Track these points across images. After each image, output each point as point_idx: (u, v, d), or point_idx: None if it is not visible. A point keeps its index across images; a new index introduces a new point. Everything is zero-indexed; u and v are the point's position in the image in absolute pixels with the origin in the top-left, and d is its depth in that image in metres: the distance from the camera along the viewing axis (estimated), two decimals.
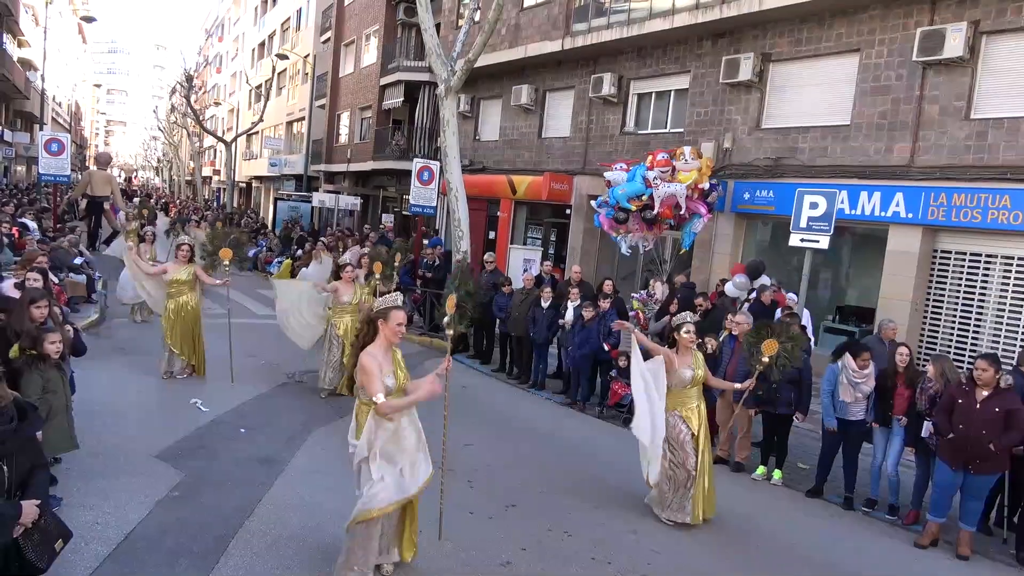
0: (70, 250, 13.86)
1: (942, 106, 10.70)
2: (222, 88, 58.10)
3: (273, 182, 40.45)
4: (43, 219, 18.18)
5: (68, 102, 61.78)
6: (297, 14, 38.37)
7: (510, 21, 18.33)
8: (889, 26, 11.34)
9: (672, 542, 6.06)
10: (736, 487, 7.65)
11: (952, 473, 6.30)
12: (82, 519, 5.15)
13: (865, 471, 7.46)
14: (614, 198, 12.74)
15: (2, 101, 35.45)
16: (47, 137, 16.93)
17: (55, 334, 5.33)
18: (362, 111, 28.74)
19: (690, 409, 6.46)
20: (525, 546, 5.62)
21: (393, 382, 4.63)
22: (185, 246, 9.46)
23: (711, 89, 14.07)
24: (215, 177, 55.08)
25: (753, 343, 7.24)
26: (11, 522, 3.05)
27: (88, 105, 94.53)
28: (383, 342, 4.68)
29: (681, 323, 6.49)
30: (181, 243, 9.69)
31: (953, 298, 10.91)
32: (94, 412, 7.17)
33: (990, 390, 6.19)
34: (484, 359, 12.55)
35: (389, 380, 4.61)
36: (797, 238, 10.29)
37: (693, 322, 6.59)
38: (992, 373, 6.17)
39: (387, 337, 4.67)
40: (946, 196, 10.49)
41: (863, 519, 7.11)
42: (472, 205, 15.85)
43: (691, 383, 6.43)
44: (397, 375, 4.69)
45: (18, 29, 33.94)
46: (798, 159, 12.49)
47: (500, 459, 7.64)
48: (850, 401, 7.31)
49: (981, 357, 6.36)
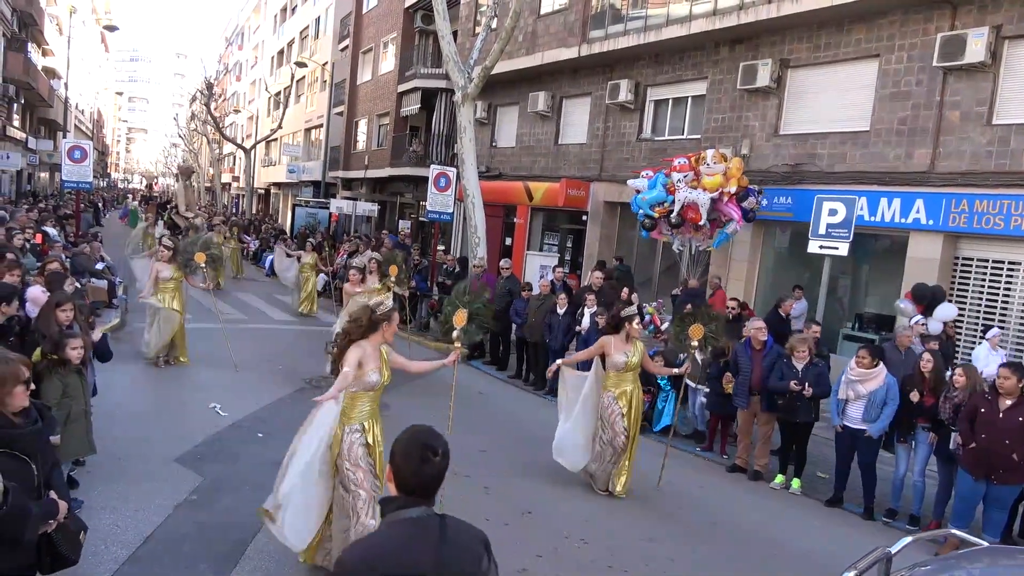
0: (92, 256, 14.04)
1: (963, 111, 10.59)
2: (241, 96, 58.68)
3: (291, 189, 40.77)
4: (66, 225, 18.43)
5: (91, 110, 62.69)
6: (316, 22, 38.71)
7: (527, 28, 18.38)
8: (909, 31, 11.25)
9: (688, 550, 6.02)
10: (754, 496, 7.59)
11: (974, 483, 6.21)
12: (102, 522, 5.20)
13: (885, 481, 7.37)
14: (637, 206, 12.72)
15: (27, 109, 36.03)
16: (70, 144, 17.15)
17: (77, 339, 5.36)
18: (380, 118, 28.92)
19: (623, 392, 7.00)
20: (541, 553, 5.60)
21: (378, 378, 4.86)
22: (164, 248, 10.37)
23: (728, 95, 14.02)
24: (234, 184, 55.61)
25: (680, 331, 7.85)
26: (51, 518, 3.13)
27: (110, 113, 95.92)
28: (378, 340, 4.90)
29: (631, 315, 7.11)
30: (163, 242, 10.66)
31: (975, 305, 10.77)
32: (114, 416, 7.24)
33: (1014, 399, 6.10)
34: (500, 365, 12.55)
35: (375, 376, 4.84)
36: (816, 245, 10.23)
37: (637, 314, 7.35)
38: (1015, 381, 6.08)
39: (385, 337, 4.91)
40: (967, 202, 10.37)
41: (883, 529, 7.01)
42: (489, 211, 15.89)
43: (625, 368, 6.97)
44: (383, 372, 4.92)
45: (42, 38, 34.51)
46: (817, 165, 12.40)
47: (516, 465, 7.63)
48: (843, 399, 7.24)
49: (1004, 365, 6.28)
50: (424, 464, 2.27)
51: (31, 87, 31.33)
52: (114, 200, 56.83)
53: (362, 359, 4.77)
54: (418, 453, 2.28)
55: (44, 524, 3.11)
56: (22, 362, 3.34)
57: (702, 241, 12.58)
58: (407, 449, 2.29)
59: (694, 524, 6.63)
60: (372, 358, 4.84)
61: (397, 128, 26.71)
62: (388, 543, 2.19)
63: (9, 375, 3.16)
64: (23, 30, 31.35)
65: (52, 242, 13.81)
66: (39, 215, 17.08)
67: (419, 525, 2.22)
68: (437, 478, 2.31)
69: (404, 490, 2.28)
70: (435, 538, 2.20)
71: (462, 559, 2.23)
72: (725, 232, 12.14)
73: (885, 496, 7.35)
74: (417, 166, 24.06)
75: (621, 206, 16.32)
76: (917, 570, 3.26)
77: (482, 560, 2.27)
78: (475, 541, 2.32)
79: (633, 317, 7.10)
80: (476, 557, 2.27)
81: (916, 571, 3.24)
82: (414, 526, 2.21)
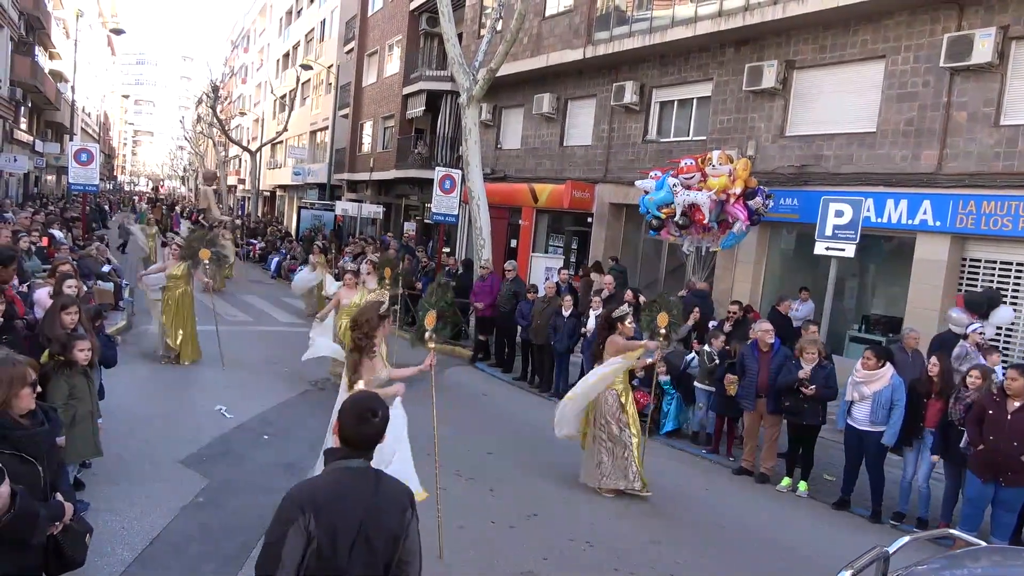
0: (98, 258, 14.09)
1: (970, 112, 10.54)
2: (247, 98, 58.84)
3: (297, 191, 40.85)
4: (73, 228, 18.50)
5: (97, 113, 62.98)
6: (321, 25, 38.81)
7: (532, 30, 18.38)
8: (915, 32, 11.21)
9: (694, 553, 5.99)
10: (761, 498, 7.56)
11: (983, 486, 6.17)
12: (108, 524, 5.21)
13: (894, 483, 7.34)
14: (644, 207, 12.69)
15: (34, 112, 36.19)
16: (77, 147, 17.24)
17: (84, 341, 5.39)
18: (385, 120, 28.96)
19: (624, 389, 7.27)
20: (547, 556, 5.58)
21: (387, 375, 5.22)
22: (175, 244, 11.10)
23: (734, 97, 13.99)
24: (240, 186, 55.73)
25: (649, 319, 8.33)
26: (58, 520, 3.14)
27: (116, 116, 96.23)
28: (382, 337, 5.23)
29: (622, 315, 7.25)
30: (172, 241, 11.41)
31: None
32: (120, 418, 7.26)
33: (1022, 400, 6.06)
34: (506, 367, 12.53)
35: (384, 372, 5.19)
36: (822, 247, 10.18)
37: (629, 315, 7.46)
38: (1023, 383, 6.04)
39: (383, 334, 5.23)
40: (975, 203, 10.32)
41: (891, 532, 6.96)
42: (494, 213, 15.88)
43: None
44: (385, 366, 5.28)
45: (50, 42, 34.67)
46: (823, 167, 12.36)
47: (521, 467, 7.61)
48: (849, 400, 7.21)
49: (1012, 366, 6.24)
50: (364, 423, 2.65)
51: (38, 90, 31.47)
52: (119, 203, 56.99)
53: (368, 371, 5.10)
54: (360, 413, 2.67)
55: (50, 526, 3.11)
56: (29, 364, 3.35)
57: (712, 242, 12.55)
58: (351, 410, 2.69)
59: (700, 527, 6.60)
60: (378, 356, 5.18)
61: (402, 130, 26.75)
62: (328, 486, 2.59)
63: (16, 377, 3.16)
64: (30, 33, 31.51)
65: (58, 245, 13.87)
66: (45, 218, 17.14)
67: (356, 475, 2.62)
68: (375, 436, 2.69)
69: (347, 444, 2.67)
70: (368, 487, 2.60)
71: (389, 508, 2.61)
72: (733, 233, 12.10)
73: (893, 499, 7.32)
74: (422, 168, 24.09)
75: (627, 208, 16.30)
76: (914, 569, 3.23)
77: (406, 512, 2.65)
78: (402, 495, 2.70)
79: (624, 317, 7.23)
80: (401, 508, 2.64)
81: (913, 570, 3.21)
82: (352, 475, 2.62)
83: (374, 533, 2.56)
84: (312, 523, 2.47)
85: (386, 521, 2.59)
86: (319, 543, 2.48)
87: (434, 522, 5.24)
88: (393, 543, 2.61)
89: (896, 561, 3.43)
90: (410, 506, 2.68)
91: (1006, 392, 6.14)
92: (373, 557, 2.57)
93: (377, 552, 2.57)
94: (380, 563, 2.58)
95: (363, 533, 2.54)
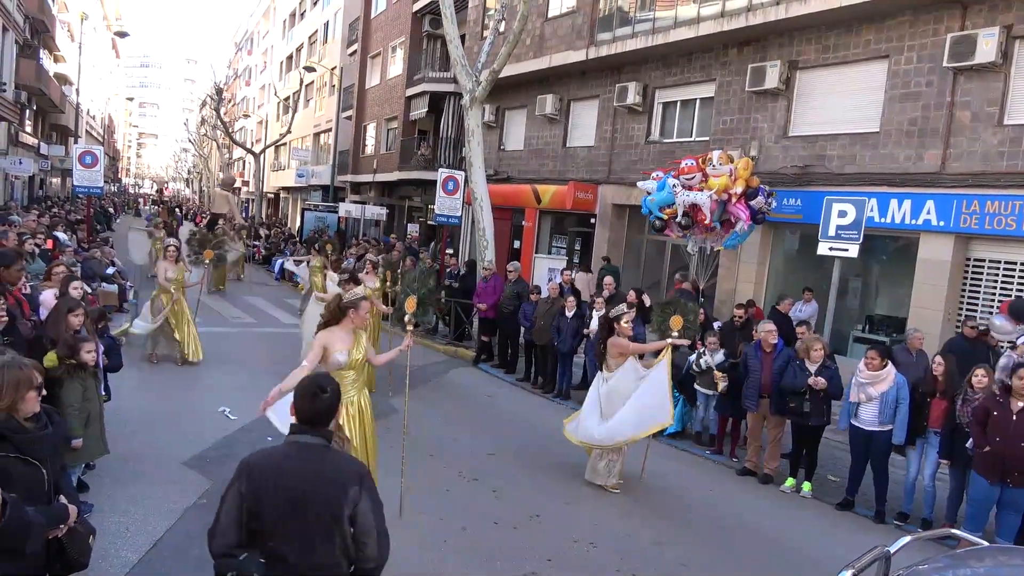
0: (102, 260, 14.14)
1: (974, 112, 10.52)
2: (251, 101, 58.98)
3: (300, 193, 40.91)
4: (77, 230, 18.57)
5: (101, 115, 63.15)
6: (324, 27, 38.87)
7: (534, 31, 18.40)
8: (919, 32, 11.19)
9: (698, 554, 5.99)
10: (765, 499, 7.55)
11: (989, 487, 6.15)
12: (112, 525, 5.23)
13: (897, 484, 7.32)
14: (646, 208, 12.68)
15: (39, 115, 36.31)
16: (81, 150, 17.28)
17: (90, 343, 5.45)
18: (388, 122, 28.99)
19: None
20: (550, 556, 5.58)
21: (345, 358, 5.23)
22: (172, 247, 11.09)
23: (737, 97, 13.98)
24: (244, 188, 55.88)
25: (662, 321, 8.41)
26: (62, 523, 3.15)
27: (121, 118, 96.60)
28: (348, 325, 5.33)
29: (618, 315, 7.27)
30: (168, 245, 11.35)
31: (987, 307, 10.68)
32: (124, 419, 7.27)
33: (1022, 400, 6.05)
34: (509, 369, 12.54)
35: (342, 356, 5.22)
36: (826, 247, 10.16)
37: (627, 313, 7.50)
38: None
39: (354, 322, 5.35)
40: (979, 203, 10.30)
41: (894, 532, 6.95)
42: (497, 214, 15.90)
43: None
44: (352, 354, 5.28)
45: (54, 45, 34.76)
46: (826, 167, 12.34)
47: (524, 469, 7.61)
48: (855, 401, 7.19)
49: (1020, 365, 6.21)
50: (315, 400, 2.86)
51: (43, 93, 31.56)
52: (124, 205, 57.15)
53: (328, 343, 5.20)
54: (311, 391, 2.87)
55: (54, 530, 3.11)
56: (35, 368, 3.37)
57: (716, 241, 12.53)
58: (304, 389, 2.90)
59: (704, 528, 6.59)
60: (340, 340, 5.24)
61: (405, 132, 26.78)
62: (270, 455, 2.85)
63: (23, 380, 3.18)
64: (35, 37, 31.59)
65: (63, 247, 13.91)
66: (50, 220, 17.20)
67: (302, 448, 2.81)
68: (326, 412, 2.89)
69: (300, 420, 2.87)
70: (311, 462, 2.76)
71: (330, 482, 2.72)
72: (736, 233, 12.08)
73: (897, 500, 7.30)
74: (425, 170, 24.11)
75: (630, 208, 16.31)
76: (917, 568, 3.22)
77: (349, 489, 2.72)
78: (351, 473, 2.79)
79: (621, 316, 7.27)
80: (343, 485, 2.72)
81: (916, 570, 3.21)
82: (298, 448, 2.81)
83: (309, 506, 2.68)
84: (244, 487, 2.73)
85: (324, 495, 2.69)
86: (248, 506, 2.72)
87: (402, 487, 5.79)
88: (332, 519, 2.69)
89: (899, 561, 3.42)
90: (359, 485, 2.74)
91: (1009, 392, 6.12)
92: (307, 528, 2.68)
93: (310, 524, 2.69)
94: (316, 535, 2.69)
95: (296, 504, 2.68)
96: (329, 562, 2.73)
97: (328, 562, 2.73)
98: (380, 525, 2.80)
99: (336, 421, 3.15)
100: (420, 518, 5.98)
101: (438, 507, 6.30)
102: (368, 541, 2.75)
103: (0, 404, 3.08)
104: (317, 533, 2.69)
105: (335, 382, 2.97)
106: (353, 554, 2.77)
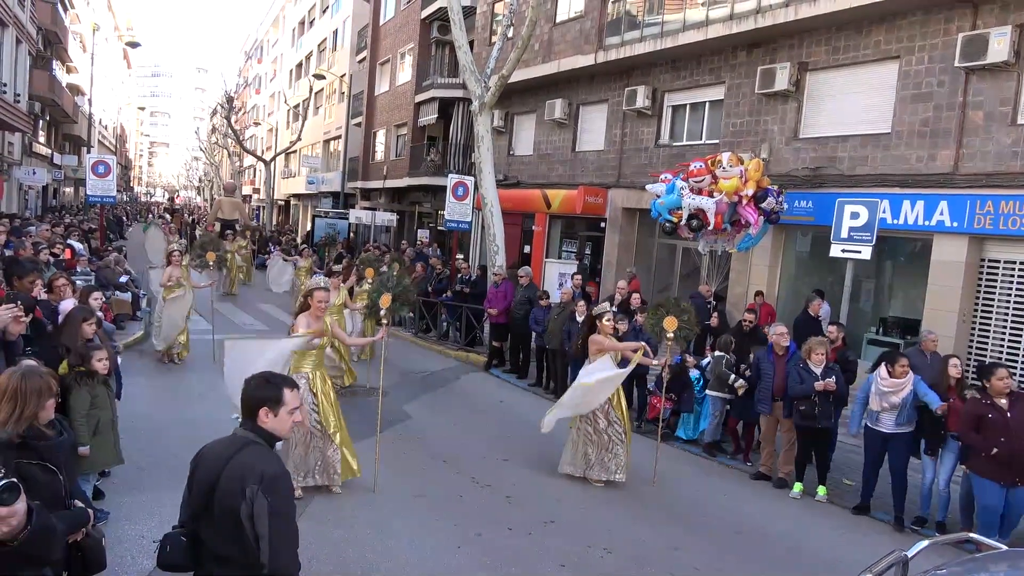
0: (116, 268, 14.23)
1: (987, 112, 10.45)
2: (261, 108, 59.34)
3: (311, 200, 41.09)
4: (91, 239, 18.71)
5: (113, 125, 63.64)
6: (333, 35, 39.08)
7: (543, 36, 18.42)
8: (930, 32, 11.13)
9: (713, 559, 5.95)
10: (779, 504, 7.51)
11: (1000, 491, 6.09)
12: (128, 533, 5.26)
13: (913, 488, 7.24)
14: (656, 211, 12.66)
15: (52, 125, 36.64)
16: (94, 159, 17.47)
17: (102, 351, 5.48)
18: (397, 128, 29.09)
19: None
20: (564, 563, 5.57)
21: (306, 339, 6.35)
22: (176, 252, 11.60)
23: (747, 99, 13.94)
24: (255, 195, 56.19)
25: (655, 323, 8.32)
26: (83, 526, 3.21)
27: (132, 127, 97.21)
28: (312, 312, 6.47)
29: (602, 312, 7.56)
30: (171, 250, 11.80)
31: (1003, 308, 10.59)
32: (138, 428, 7.31)
33: (1005, 396, 6.12)
34: (521, 374, 12.52)
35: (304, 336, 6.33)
36: (838, 249, 10.10)
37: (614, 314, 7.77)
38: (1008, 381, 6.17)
39: (313, 310, 6.46)
40: (992, 204, 10.22)
41: (913, 537, 6.88)
42: (507, 219, 15.90)
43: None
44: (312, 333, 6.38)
45: (67, 56, 35.09)
46: (838, 168, 12.28)
47: (538, 474, 7.60)
48: (877, 410, 7.11)
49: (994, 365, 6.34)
50: (246, 393, 3.01)
51: (56, 104, 31.86)
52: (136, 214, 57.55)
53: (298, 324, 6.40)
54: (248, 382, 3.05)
55: (76, 533, 3.15)
56: (52, 375, 3.42)
57: (728, 243, 12.45)
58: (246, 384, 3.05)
59: (719, 533, 6.56)
60: (314, 325, 6.38)
61: (415, 138, 26.86)
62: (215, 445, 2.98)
63: (44, 389, 3.23)
64: (48, 48, 31.92)
65: (79, 256, 14.03)
66: (65, 229, 17.34)
67: (232, 440, 2.94)
68: (246, 402, 2.99)
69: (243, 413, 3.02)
70: (226, 455, 2.85)
71: (232, 478, 2.76)
72: (749, 235, 12.02)
73: (913, 504, 7.23)
74: (435, 175, 24.16)
75: (640, 212, 16.26)
76: (935, 573, 3.19)
77: (247, 487, 2.72)
78: (254, 473, 2.75)
79: (603, 314, 7.51)
80: (241, 482, 2.73)
81: (934, 574, 3.18)
82: (230, 440, 2.95)
83: (217, 496, 2.79)
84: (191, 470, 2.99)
85: (226, 489, 2.77)
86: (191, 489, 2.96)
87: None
88: (231, 513, 2.73)
89: (916, 565, 3.40)
90: (258, 485, 2.71)
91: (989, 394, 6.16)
92: (214, 518, 2.80)
93: (214, 516, 2.79)
94: (225, 526, 2.76)
95: (208, 493, 2.82)
96: (236, 554, 2.75)
97: (235, 554, 2.75)
98: (275, 533, 2.70)
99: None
100: (435, 524, 5.98)
101: (452, 513, 6.29)
102: (262, 545, 2.70)
103: (25, 412, 3.12)
104: (224, 524, 2.76)
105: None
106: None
